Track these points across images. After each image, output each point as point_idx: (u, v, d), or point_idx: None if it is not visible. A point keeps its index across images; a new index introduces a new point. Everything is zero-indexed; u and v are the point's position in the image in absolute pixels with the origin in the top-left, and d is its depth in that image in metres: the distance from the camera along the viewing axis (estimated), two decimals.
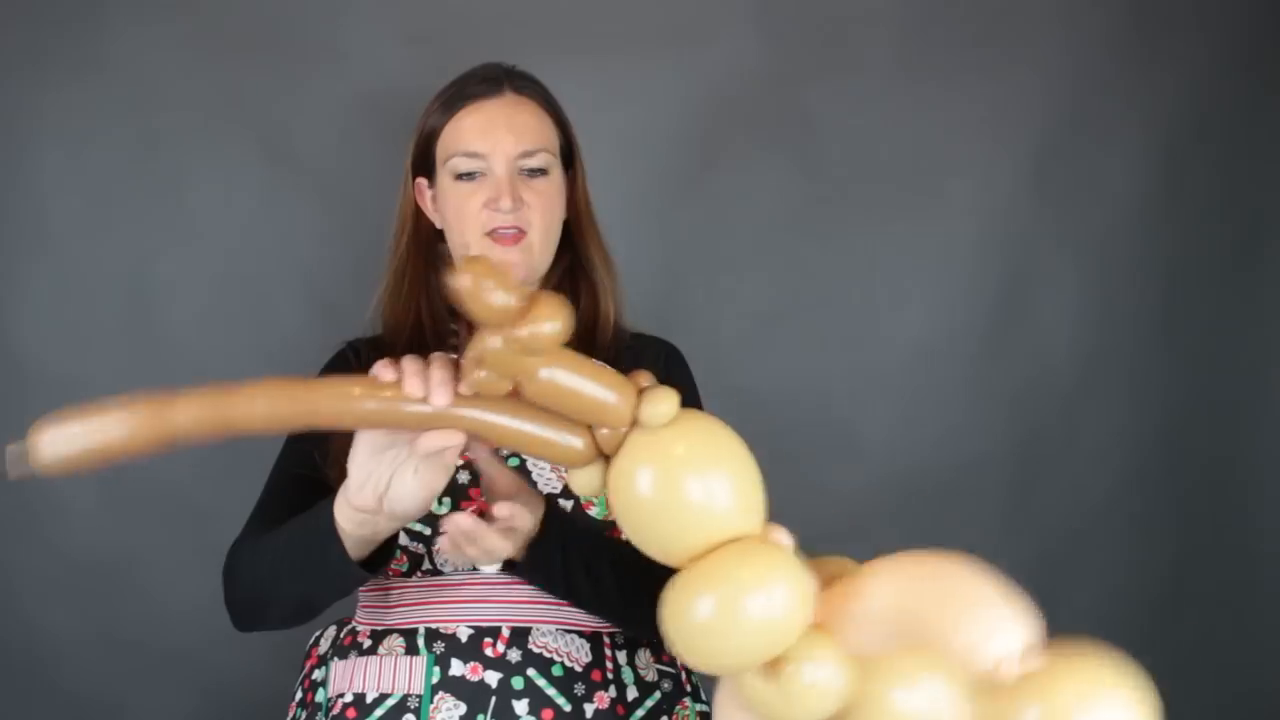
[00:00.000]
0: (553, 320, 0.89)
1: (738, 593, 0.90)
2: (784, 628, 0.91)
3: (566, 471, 1.02)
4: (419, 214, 1.44)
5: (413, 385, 0.91)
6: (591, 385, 0.93)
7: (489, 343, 0.90)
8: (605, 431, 0.95)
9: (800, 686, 0.90)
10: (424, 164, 1.42)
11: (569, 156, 1.43)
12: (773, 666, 0.91)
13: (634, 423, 0.95)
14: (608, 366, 0.96)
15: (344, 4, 1.89)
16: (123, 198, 1.88)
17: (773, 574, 0.91)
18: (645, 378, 0.97)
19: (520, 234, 1.33)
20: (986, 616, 0.91)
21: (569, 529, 1.22)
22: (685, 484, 0.93)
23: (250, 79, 1.89)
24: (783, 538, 0.96)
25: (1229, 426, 2.04)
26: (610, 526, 1.29)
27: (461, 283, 0.87)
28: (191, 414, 0.98)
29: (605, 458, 0.97)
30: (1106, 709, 0.91)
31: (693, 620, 0.91)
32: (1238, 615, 2.05)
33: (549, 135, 1.38)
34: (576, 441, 0.96)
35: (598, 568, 1.22)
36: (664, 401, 0.94)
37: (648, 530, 0.95)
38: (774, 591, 0.90)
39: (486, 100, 1.37)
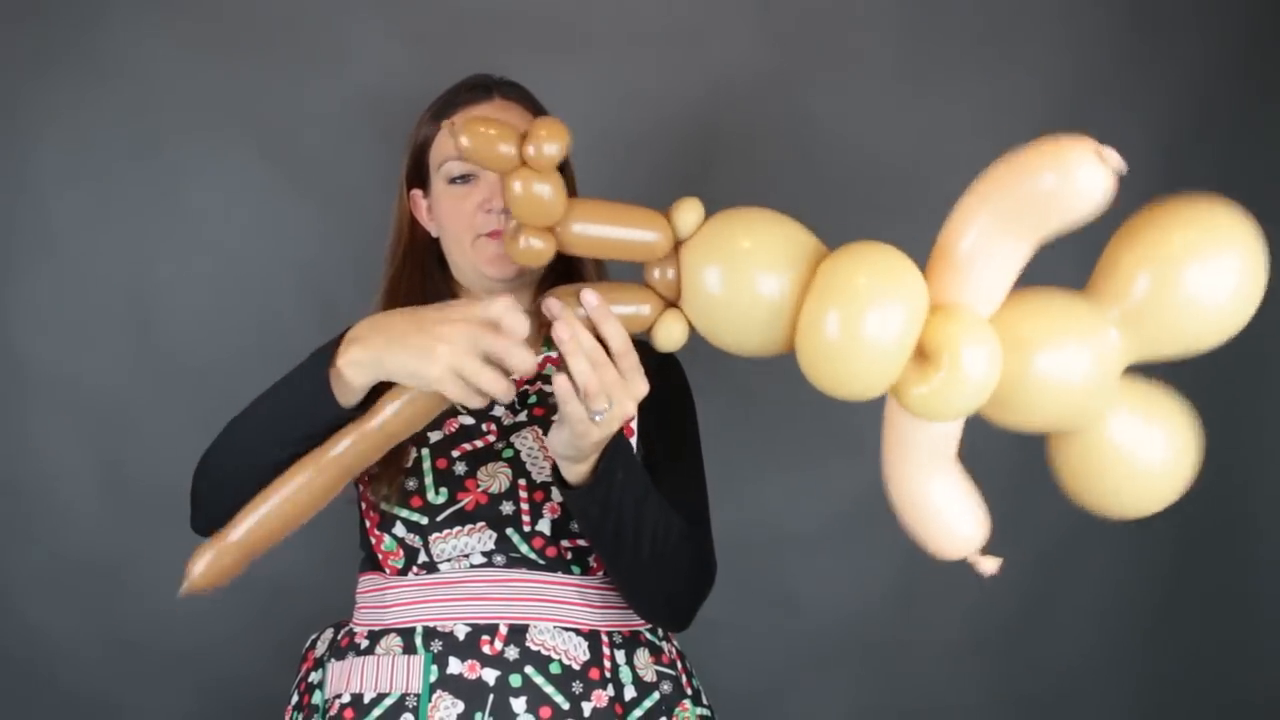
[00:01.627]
0: (552, 137, 0.95)
1: (858, 302, 0.93)
2: (913, 318, 0.93)
3: (652, 334, 1.05)
4: (414, 224, 1.46)
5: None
6: (620, 226, 1.00)
7: (513, 189, 0.96)
8: (656, 275, 1.02)
9: (963, 375, 0.91)
10: (417, 174, 1.45)
11: (560, 164, 1.43)
12: (926, 366, 0.93)
13: (676, 245, 1.01)
14: (631, 205, 1.02)
15: (344, 4, 1.90)
16: (123, 198, 1.88)
17: (882, 268, 0.95)
18: (674, 210, 1.02)
19: None
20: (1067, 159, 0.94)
21: (631, 464, 1.21)
22: (752, 269, 0.97)
23: (250, 79, 1.89)
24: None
25: (1228, 426, 2.04)
26: None
27: (463, 142, 0.93)
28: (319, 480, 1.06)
29: (675, 306, 1.03)
30: (1220, 258, 0.97)
31: (829, 335, 0.93)
32: (1237, 615, 2.05)
33: None
34: (645, 308, 1.03)
35: (641, 516, 1.22)
36: (690, 210, 1.01)
37: (745, 321, 0.99)
38: (888, 286, 0.94)
39: (476, 106, 1.40)
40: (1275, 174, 2.00)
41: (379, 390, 1.08)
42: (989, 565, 1.07)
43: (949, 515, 1.10)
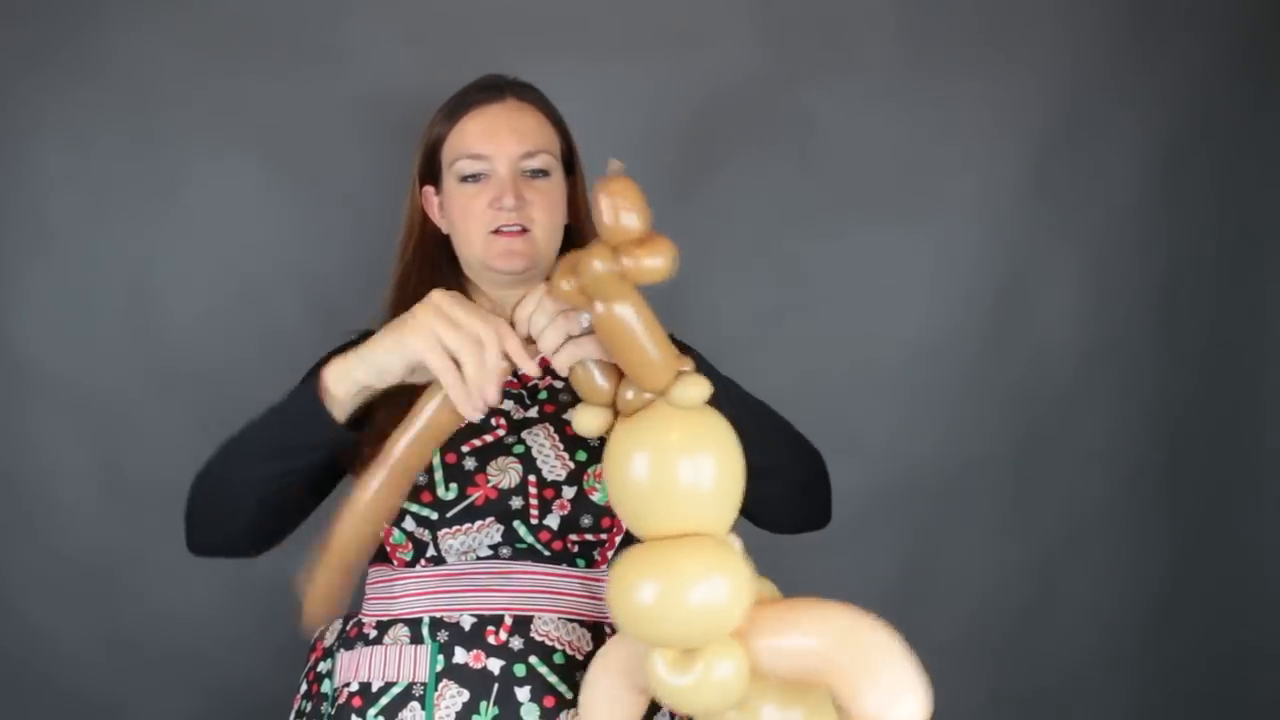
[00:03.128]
0: (661, 258, 0.94)
1: (681, 582, 0.97)
2: (719, 620, 0.98)
3: (575, 408, 1.07)
4: (425, 221, 1.47)
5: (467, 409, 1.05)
6: (649, 340, 1.00)
7: (594, 263, 0.95)
8: (630, 395, 1.03)
9: (711, 680, 0.97)
10: (430, 172, 1.45)
11: (570, 163, 1.46)
12: (688, 656, 0.98)
13: (661, 394, 1.02)
14: (666, 336, 1.02)
15: (344, 4, 1.90)
16: (123, 198, 1.88)
17: (717, 569, 0.98)
18: (688, 362, 1.04)
19: (524, 231, 1.36)
20: (891, 687, 0.93)
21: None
22: (677, 469, 1.00)
23: (250, 79, 1.89)
24: (735, 542, 1.04)
25: (1228, 426, 2.05)
26: (610, 514, 1.32)
27: (603, 195, 0.94)
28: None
29: (616, 412, 1.05)
30: None
31: (636, 601, 0.98)
32: (1236, 615, 2.05)
33: (550, 139, 1.42)
34: (606, 384, 1.04)
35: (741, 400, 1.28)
36: (697, 387, 1.01)
37: (628, 497, 1.02)
38: (715, 585, 0.98)
39: (489, 106, 1.41)
40: (1275, 174, 2.00)
41: (371, 410, 1.14)
42: None
43: None
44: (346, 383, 1.10)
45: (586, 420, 1.05)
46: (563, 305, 1.04)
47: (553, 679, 1.25)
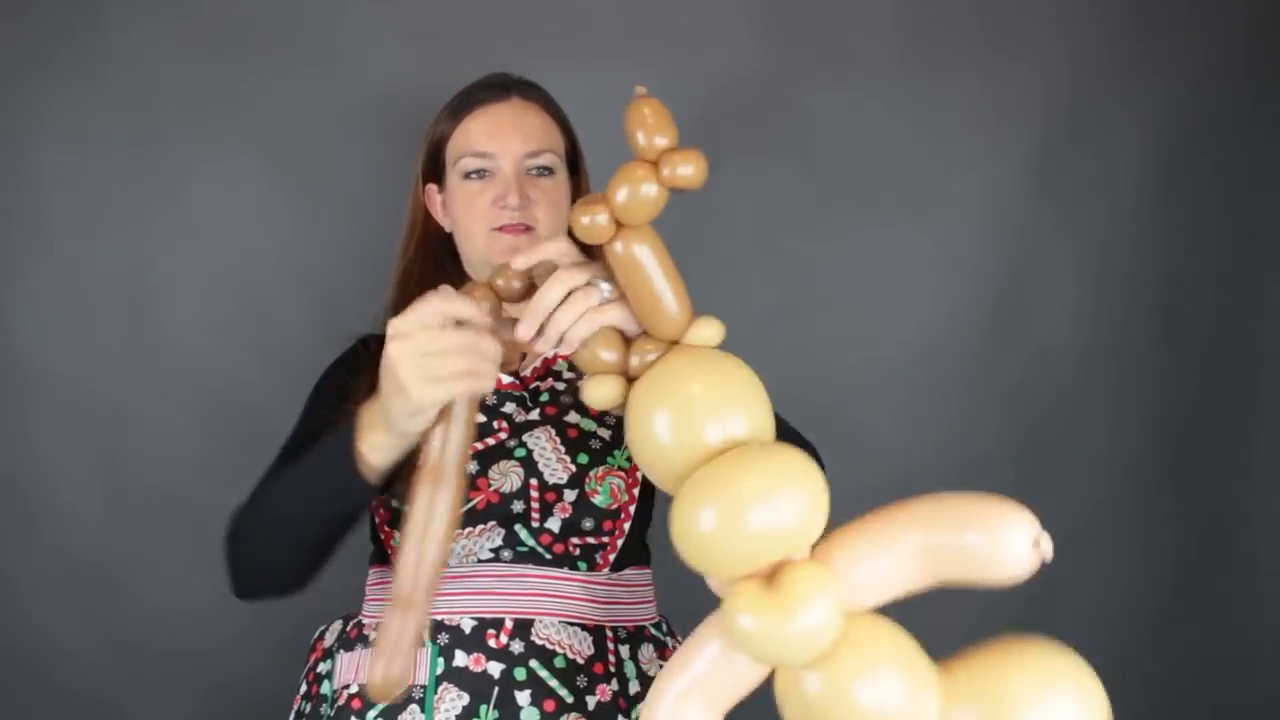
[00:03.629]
0: (690, 164, 0.96)
1: (741, 501, 0.90)
2: (792, 534, 0.91)
3: (584, 380, 1.03)
4: (428, 219, 1.47)
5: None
6: (664, 279, 0.99)
7: (644, 186, 0.96)
8: (647, 358, 1.01)
9: (801, 612, 0.89)
10: (433, 169, 1.45)
11: (574, 163, 1.47)
12: (769, 591, 0.91)
13: (675, 341, 1.01)
14: (680, 283, 1.01)
15: (344, 4, 1.90)
16: (123, 198, 1.88)
17: (781, 478, 0.91)
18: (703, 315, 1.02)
19: (527, 229, 1.36)
20: (1003, 526, 0.93)
21: None
22: (704, 428, 0.95)
23: (250, 79, 1.89)
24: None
25: (1228, 426, 2.05)
26: (612, 516, 1.31)
27: (630, 116, 0.97)
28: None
29: (629, 379, 1.02)
30: (1056, 704, 0.93)
31: (698, 530, 0.92)
32: (1236, 615, 2.05)
33: (554, 138, 1.42)
34: (611, 354, 1.02)
35: None
36: (710, 327, 1.01)
37: (655, 458, 0.98)
38: (781, 499, 0.90)
39: (494, 104, 1.41)
40: (1275, 174, 2.00)
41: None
42: None
43: None
44: (389, 449, 1.05)
45: (600, 390, 1.02)
46: (580, 276, 1.02)
47: (553, 683, 1.25)
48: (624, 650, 1.31)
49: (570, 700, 1.24)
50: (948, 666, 0.97)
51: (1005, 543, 0.94)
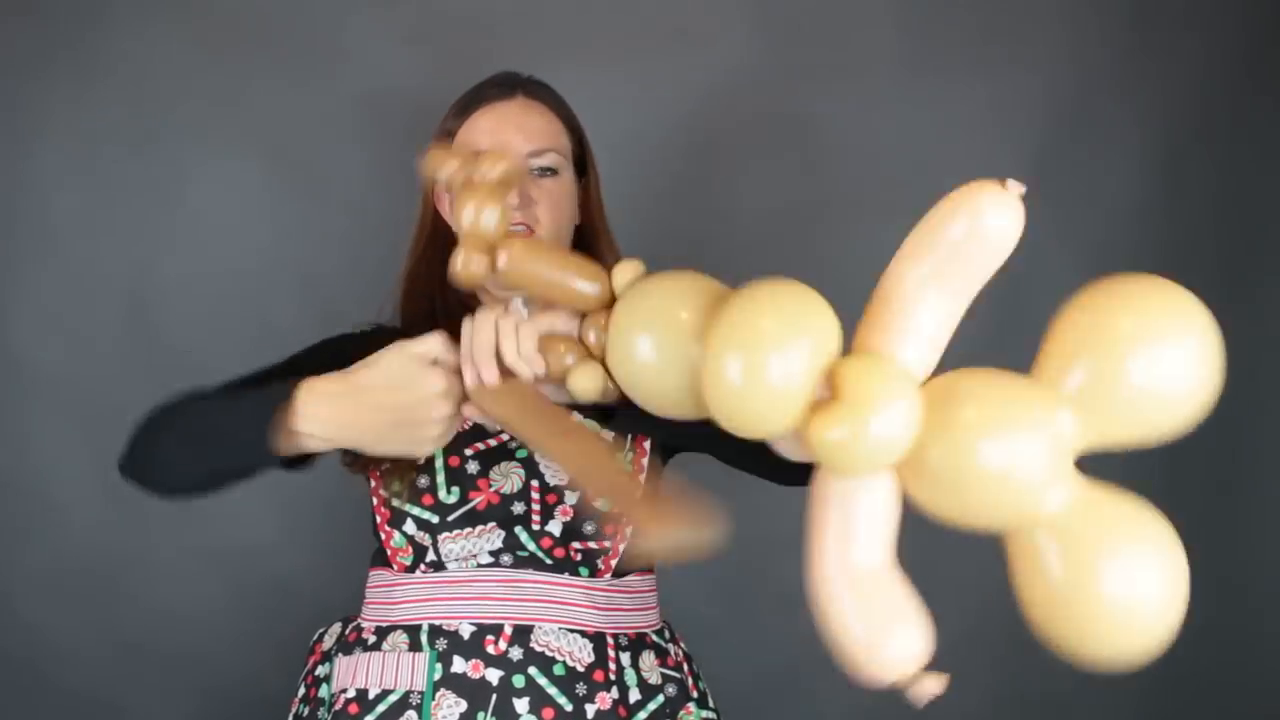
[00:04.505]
0: (500, 163, 1.03)
1: (760, 345, 0.89)
2: (816, 358, 0.90)
3: (568, 381, 1.03)
4: (437, 216, 1.46)
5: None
6: (558, 263, 1.03)
7: (464, 216, 1.03)
8: (593, 335, 1.02)
9: (873, 417, 0.86)
10: None
11: (582, 164, 1.45)
12: (836, 407, 0.87)
13: (610, 302, 1.01)
14: (579, 258, 1.04)
15: (344, 4, 1.90)
16: (123, 198, 1.88)
17: (786, 308, 0.93)
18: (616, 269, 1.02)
19: (529, 230, 1.34)
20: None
21: None
22: (679, 318, 0.96)
23: (250, 79, 1.89)
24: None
25: (1229, 426, 2.04)
26: (613, 519, 1.31)
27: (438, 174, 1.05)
28: None
29: (600, 362, 1.02)
30: (1171, 345, 0.89)
31: (728, 383, 0.89)
32: (1238, 614, 2.05)
33: (559, 138, 1.41)
34: (570, 357, 1.03)
35: None
36: (629, 267, 1.01)
37: (660, 383, 0.97)
38: (792, 328, 0.90)
39: (500, 103, 1.40)
40: (1275, 174, 2.00)
41: None
42: (931, 687, 1.00)
43: (883, 625, 0.99)
44: (319, 442, 1.06)
45: (582, 382, 1.02)
46: (493, 318, 1.05)
47: (552, 690, 1.25)
48: (625, 657, 1.31)
49: (569, 708, 1.24)
50: (1055, 334, 0.95)
51: (984, 218, 0.94)
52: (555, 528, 1.29)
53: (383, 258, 1.53)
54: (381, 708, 1.25)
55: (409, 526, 1.30)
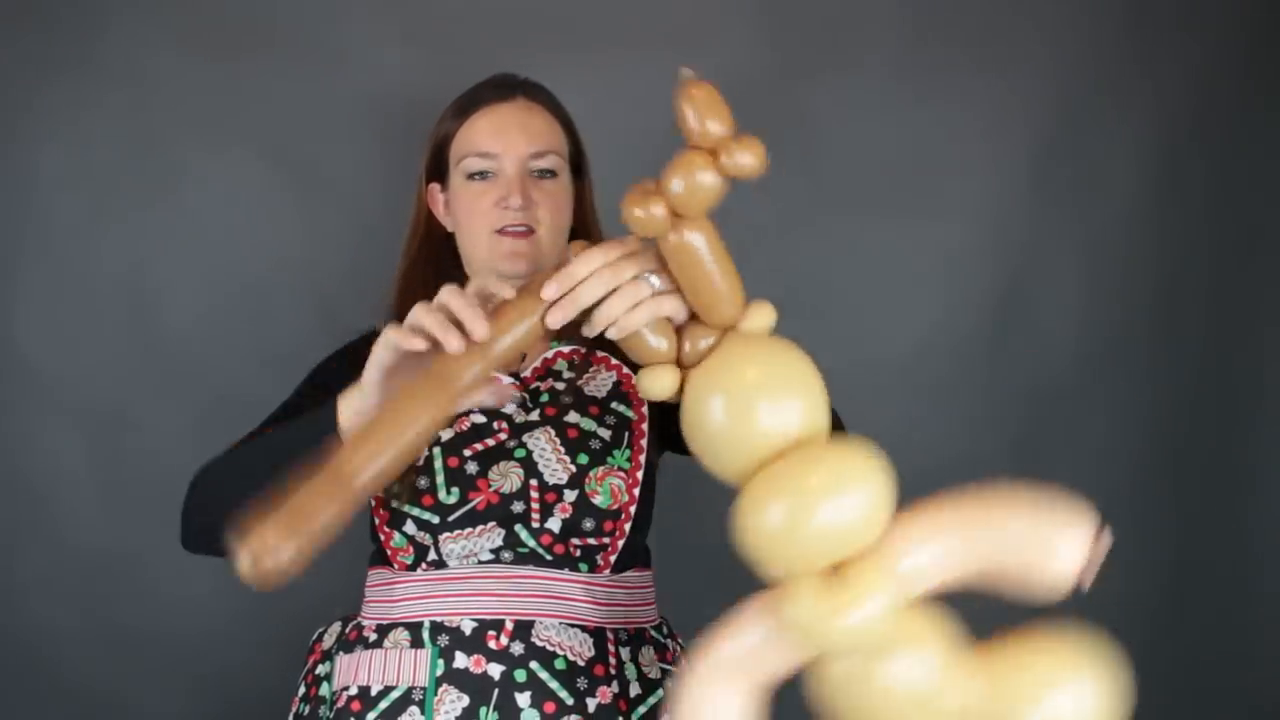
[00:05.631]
0: (754, 154, 0.93)
1: (808, 500, 0.91)
2: (858, 532, 0.92)
3: (641, 372, 1.03)
4: (431, 218, 1.47)
5: (450, 342, 0.98)
6: (719, 267, 0.98)
7: (703, 175, 0.93)
8: (700, 345, 1.01)
9: (862, 608, 0.90)
10: (437, 169, 1.45)
11: (578, 167, 1.46)
12: (832, 587, 0.91)
13: (729, 327, 1.00)
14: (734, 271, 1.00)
15: (344, 4, 1.90)
16: (123, 197, 1.88)
17: (846, 477, 0.93)
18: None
19: (529, 231, 1.35)
20: (1056, 538, 0.94)
21: None
22: (760, 414, 0.95)
23: (250, 79, 1.89)
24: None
25: (1229, 426, 2.05)
26: (612, 517, 1.31)
27: (683, 100, 0.93)
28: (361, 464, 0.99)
29: (682, 367, 1.01)
30: (1072, 694, 0.95)
31: (764, 528, 0.92)
32: (1238, 615, 2.05)
33: (559, 140, 1.42)
34: (662, 342, 1.01)
35: None
36: (764, 313, 1.00)
37: (712, 445, 0.98)
38: (846, 497, 0.92)
39: (499, 104, 1.40)
40: (1274, 174, 2.00)
41: None
42: None
43: None
44: (357, 400, 1.08)
45: (657, 382, 1.01)
46: (626, 274, 0.99)
47: (553, 685, 1.25)
48: (625, 652, 1.31)
49: (571, 702, 1.24)
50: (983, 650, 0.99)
51: (1057, 540, 0.95)
52: (555, 525, 1.29)
53: (383, 257, 1.53)
54: (384, 704, 1.25)
55: (409, 527, 1.30)
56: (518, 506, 1.29)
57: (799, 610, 0.92)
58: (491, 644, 1.26)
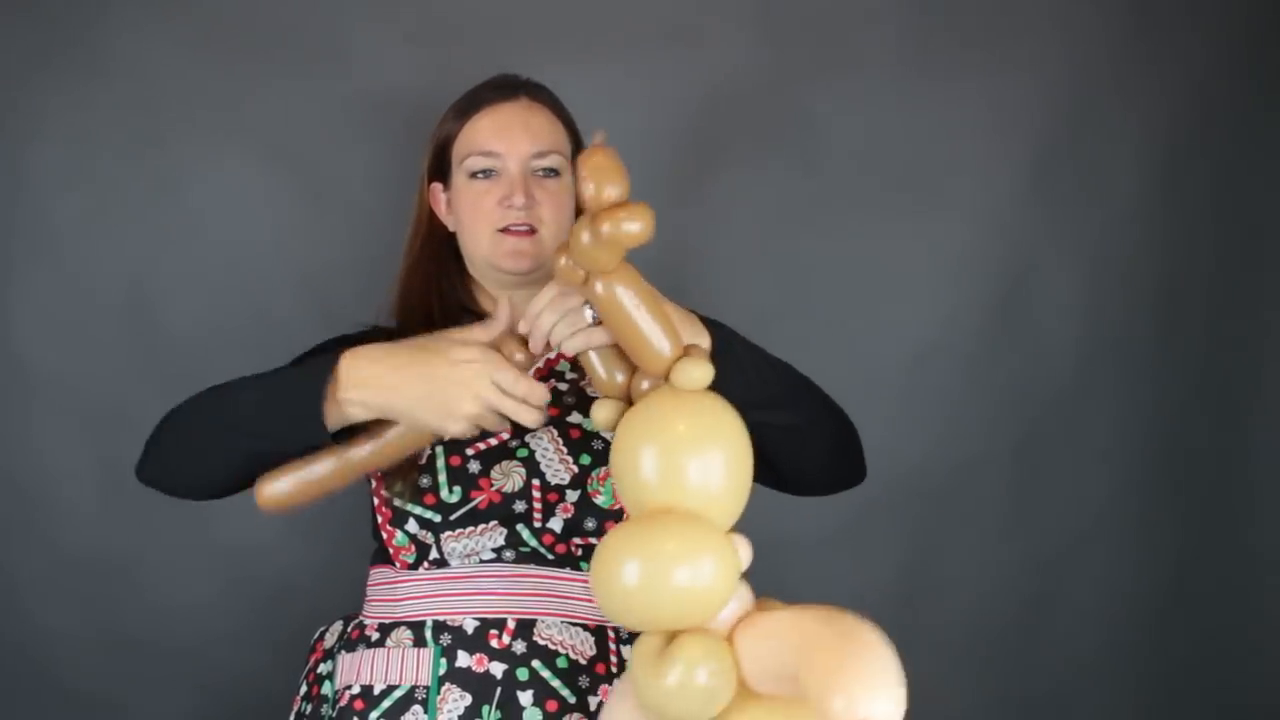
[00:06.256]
0: (639, 222, 0.98)
1: (664, 560, 0.96)
2: (704, 603, 0.97)
3: (594, 405, 1.10)
4: (433, 218, 1.48)
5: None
6: (648, 319, 1.03)
7: (580, 235, 0.99)
8: (643, 386, 1.05)
9: (693, 678, 0.95)
10: (439, 168, 1.46)
11: None
12: (667, 654, 0.96)
13: (666, 376, 1.04)
14: (674, 314, 1.07)
15: (344, 4, 1.90)
16: (123, 198, 1.88)
17: (701, 549, 0.97)
18: (701, 340, 1.09)
19: (532, 231, 1.36)
20: (867, 683, 0.90)
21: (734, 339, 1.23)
22: (683, 463, 0.99)
23: (250, 79, 1.89)
24: (742, 548, 1.04)
25: (1228, 426, 2.05)
26: (614, 517, 1.32)
27: (584, 166, 0.98)
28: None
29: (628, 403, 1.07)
30: None
31: (618, 583, 0.97)
32: (1237, 615, 2.05)
33: (561, 139, 1.43)
34: (616, 375, 1.07)
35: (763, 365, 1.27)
36: (698, 369, 1.03)
37: (630, 482, 1.02)
38: (700, 565, 0.97)
39: (502, 104, 1.42)
40: (1274, 174, 2.00)
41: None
42: None
43: None
44: (360, 409, 1.13)
45: (600, 414, 1.08)
46: (571, 303, 1.08)
47: (555, 683, 1.25)
48: (626, 651, 1.31)
49: (573, 700, 1.25)
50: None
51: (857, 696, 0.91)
52: (556, 524, 1.30)
53: (383, 257, 1.53)
54: (387, 703, 1.25)
55: (411, 526, 1.30)
56: (520, 506, 1.29)
57: (635, 670, 0.98)
58: (494, 643, 1.26)
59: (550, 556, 1.30)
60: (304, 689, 1.39)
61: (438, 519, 1.29)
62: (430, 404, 1.11)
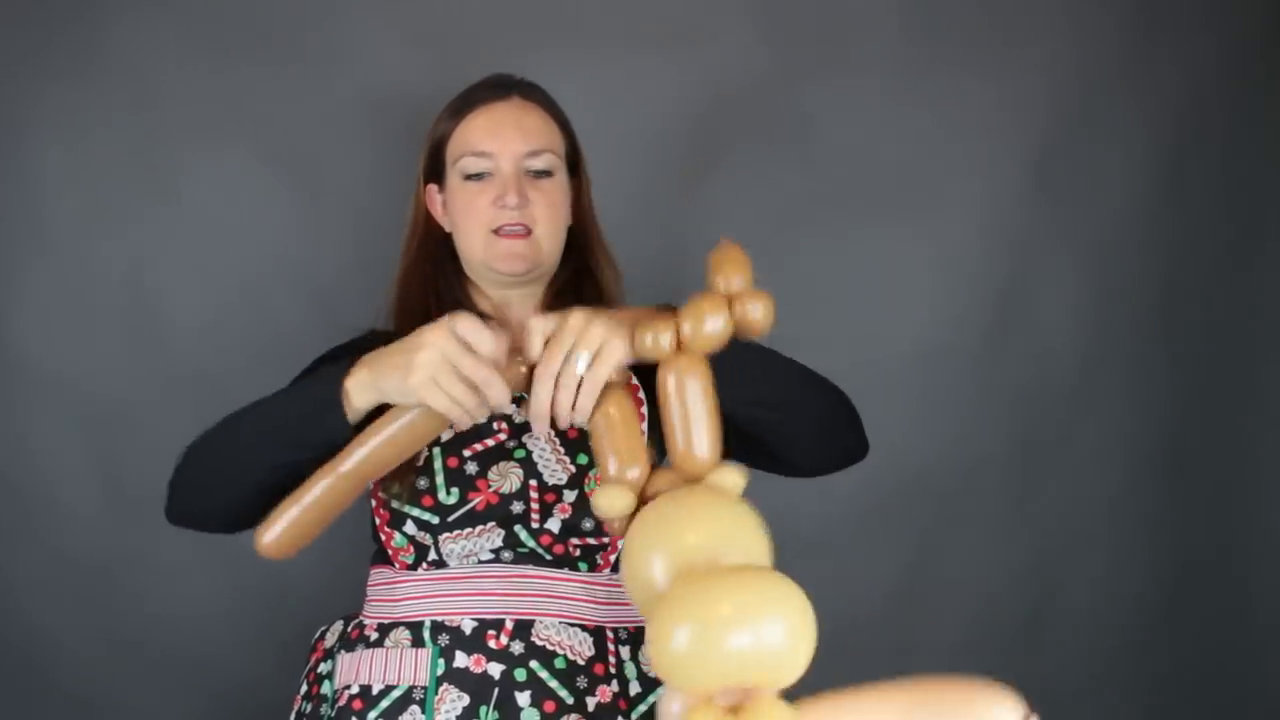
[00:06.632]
0: (764, 306, 1.06)
1: (720, 623, 0.88)
2: (774, 664, 0.90)
3: (597, 488, 1.04)
4: (429, 218, 1.48)
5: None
6: (704, 416, 1.03)
7: (715, 319, 1.04)
8: (650, 485, 1.04)
9: None
10: (434, 169, 1.46)
11: (574, 165, 1.47)
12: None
13: (700, 478, 1.03)
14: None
15: (344, 4, 1.90)
16: (122, 197, 1.88)
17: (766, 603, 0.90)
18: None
19: (527, 232, 1.36)
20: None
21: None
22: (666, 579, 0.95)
23: (250, 79, 1.89)
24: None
25: (1229, 426, 2.04)
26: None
27: (723, 253, 1.08)
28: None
29: (641, 499, 1.04)
30: None
31: (673, 649, 0.89)
32: (1239, 615, 2.05)
33: (554, 139, 1.43)
34: (635, 470, 1.04)
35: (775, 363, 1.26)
36: (734, 475, 1.04)
37: (642, 583, 0.97)
38: (761, 625, 0.89)
39: (495, 104, 1.42)
40: (1275, 174, 2.00)
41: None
42: None
43: None
44: (370, 393, 1.11)
45: (609, 500, 1.02)
46: (555, 364, 1.07)
47: (553, 684, 1.25)
48: (624, 651, 1.32)
49: (570, 701, 1.25)
50: None
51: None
52: (554, 525, 1.30)
53: (383, 257, 1.53)
54: (385, 703, 1.25)
55: (409, 527, 1.30)
56: (517, 507, 1.29)
57: None
58: (491, 643, 1.26)
59: (548, 557, 1.30)
60: (304, 688, 1.39)
61: (436, 521, 1.29)
62: (394, 361, 1.08)
